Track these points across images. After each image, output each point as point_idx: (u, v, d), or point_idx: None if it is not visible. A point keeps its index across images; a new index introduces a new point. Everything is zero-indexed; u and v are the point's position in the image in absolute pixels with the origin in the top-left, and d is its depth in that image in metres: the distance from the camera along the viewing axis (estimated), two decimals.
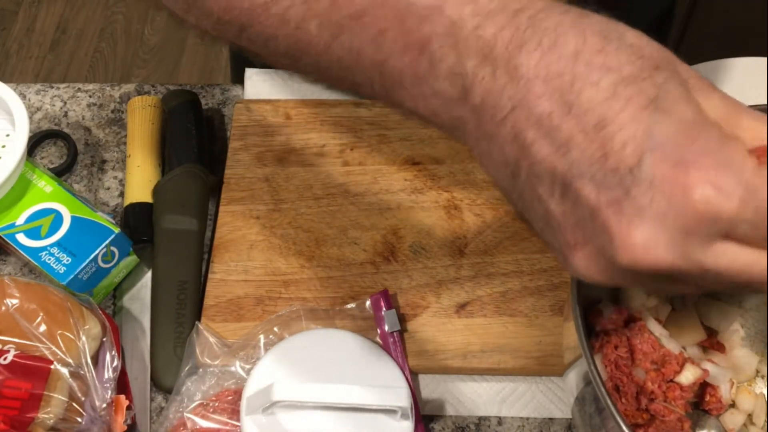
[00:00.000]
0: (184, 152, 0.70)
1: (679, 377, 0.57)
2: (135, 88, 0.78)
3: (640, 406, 0.55)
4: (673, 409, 0.55)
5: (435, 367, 0.60)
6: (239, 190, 0.68)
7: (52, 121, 0.76)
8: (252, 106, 0.73)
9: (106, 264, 0.63)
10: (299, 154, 0.70)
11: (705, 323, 0.61)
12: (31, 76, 1.90)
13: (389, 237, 0.66)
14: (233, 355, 0.59)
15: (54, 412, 0.53)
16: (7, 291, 0.56)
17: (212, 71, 1.91)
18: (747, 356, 0.60)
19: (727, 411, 0.59)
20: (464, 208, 0.67)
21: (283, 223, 0.67)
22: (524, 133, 0.35)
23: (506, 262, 0.64)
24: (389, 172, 0.69)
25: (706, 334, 0.61)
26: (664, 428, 0.55)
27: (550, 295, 0.62)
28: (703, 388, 0.59)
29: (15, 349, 0.54)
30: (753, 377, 0.60)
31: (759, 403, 0.58)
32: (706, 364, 0.59)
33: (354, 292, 0.63)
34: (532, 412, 0.60)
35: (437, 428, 0.60)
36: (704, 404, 0.60)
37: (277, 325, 0.60)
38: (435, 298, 0.63)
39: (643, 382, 0.56)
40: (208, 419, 0.56)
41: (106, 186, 0.72)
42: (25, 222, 0.63)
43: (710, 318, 0.61)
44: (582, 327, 0.47)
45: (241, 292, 0.63)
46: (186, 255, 0.65)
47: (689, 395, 0.56)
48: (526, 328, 0.61)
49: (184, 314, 0.62)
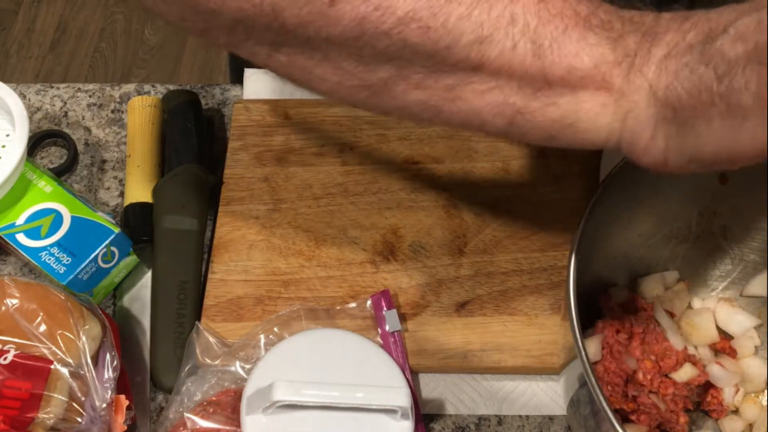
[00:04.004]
0: (184, 152, 0.70)
1: (675, 373, 0.57)
2: (135, 88, 0.78)
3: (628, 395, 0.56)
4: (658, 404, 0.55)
5: (435, 366, 0.60)
6: (239, 190, 0.68)
7: (52, 121, 0.76)
8: (251, 106, 0.73)
9: (106, 264, 0.63)
10: (298, 153, 0.70)
11: (721, 326, 0.61)
12: (31, 76, 1.90)
13: (389, 236, 0.66)
14: (233, 355, 0.59)
15: (54, 412, 0.53)
16: (7, 291, 0.56)
17: (212, 71, 1.91)
18: (758, 366, 0.60)
19: (727, 416, 0.59)
20: (464, 208, 0.67)
21: (283, 223, 0.67)
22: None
23: (506, 261, 0.64)
24: (388, 172, 0.69)
25: (719, 336, 0.61)
26: (657, 417, 0.56)
27: (549, 294, 0.62)
28: (707, 389, 0.59)
29: (15, 349, 0.54)
30: (762, 389, 0.60)
31: (762, 415, 0.58)
32: (714, 367, 0.59)
33: (354, 291, 0.63)
34: (532, 411, 0.60)
35: (437, 428, 0.60)
36: (704, 404, 0.60)
37: (277, 325, 0.60)
38: (435, 297, 0.63)
39: (633, 371, 0.56)
40: (208, 419, 0.56)
41: (106, 186, 0.72)
42: (25, 222, 0.63)
43: (727, 322, 0.61)
44: (578, 327, 0.47)
45: (241, 292, 0.63)
46: (186, 255, 0.65)
47: (683, 393, 0.56)
48: (525, 326, 0.61)
49: (184, 314, 0.62)
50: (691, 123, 0.37)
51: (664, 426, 0.57)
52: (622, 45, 0.39)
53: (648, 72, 0.38)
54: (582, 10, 0.39)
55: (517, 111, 0.41)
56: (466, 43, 0.39)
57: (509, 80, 0.40)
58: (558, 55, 0.39)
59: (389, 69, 0.41)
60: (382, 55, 0.40)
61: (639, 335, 0.58)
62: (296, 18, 0.40)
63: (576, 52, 0.39)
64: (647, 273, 0.63)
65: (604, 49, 0.39)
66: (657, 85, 0.38)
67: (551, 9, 0.39)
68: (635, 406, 0.56)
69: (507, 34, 0.39)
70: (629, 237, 0.60)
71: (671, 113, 0.38)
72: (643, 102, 0.39)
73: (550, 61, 0.39)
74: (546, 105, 0.41)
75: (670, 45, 0.38)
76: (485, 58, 0.39)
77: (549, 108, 0.41)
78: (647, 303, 0.61)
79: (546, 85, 0.40)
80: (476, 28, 0.39)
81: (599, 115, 0.40)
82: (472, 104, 0.42)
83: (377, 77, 0.42)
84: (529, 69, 0.39)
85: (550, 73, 0.39)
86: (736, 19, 0.36)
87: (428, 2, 0.38)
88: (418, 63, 0.40)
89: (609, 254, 0.59)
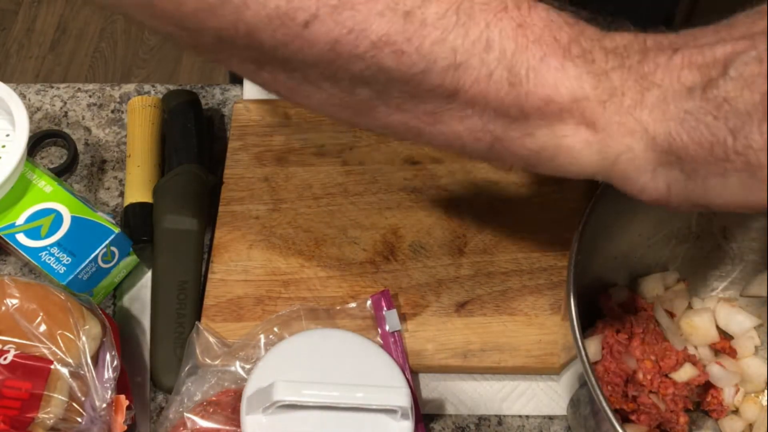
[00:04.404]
0: (184, 152, 0.70)
1: (675, 373, 0.57)
2: (135, 88, 0.78)
3: (628, 395, 0.56)
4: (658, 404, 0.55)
5: (435, 366, 0.60)
6: (239, 190, 0.68)
7: (52, 121, 0.76)
8: (251, 106, 0.73)
9: (106, 264, 0.63)
10: (298, 153, 0.70)
11: (721, 327, 0.61)
12: (31, 76, 1.90)
13: (389, 236, 0.66)
14: (233, 355, 0.59)
15: (54, 412, 0.53)
16: (7, 291, 0.56)
17: (212, 71, 1.91)
18: (758, 366, 0.60)
19: (727, 416, 0.59)
20: (464, 208, 0.67)
21: (283, 222, 0.67)
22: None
23: (506, 261, 0.64)
24: (389, 172, 0.69)
25: (719, 336, 0.61)
26: (657, 417, 0.56)
27: (549, 294, 0.62)
28: (707, 389, 0.59)
29: (15, 349, 0.54)
30: (762, 389, 0.60)
31: (762, 415, 0.58)
32: (714, 367, 0.59)
33: (354, 291, 0.63)
34: (533, 411, 0.60)
35: (437, 428, 0.60)
36: (704, 404, 0.60)
37: (277, 325, 0.60)
38: (435, 297, 0.63)
39: (633, 371, 0.56)
40: (208, 419, 0.56)
41: (106, 186, 0.72)
42: (25, 222, 0.63)
43: (727, 322, 0.61)
44: (578, 327, 0.47)
45: (241, 292, 0.63)
46: (186, 255, 0.65)
47: (683, 393, 0.56)
48: (525, 326, 0.61)
49: (184, 314, 0.62)
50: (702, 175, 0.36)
51: (664, 426, 0.57)
52: (606, 82, 0.38)
53: (641, 115, 0.37)
54: (563, 37, 0.38)
55: (495, 138, 0.40)
56: (440, 69, 0.38)
57: (485, 108, 0.39)
58: (534, 85, 0.38)
59: (367, 91, 0.41)
60: (359, 78, 0.40)
61: (639, 335, 0.58)
62: (272, 39, 0.39)
63: (554, 83, 0.38)
64: (647, 273, 0.63)
65: (585, 83, 0.38)
66: (655, 131, 0.37)
67: (530, 35, 0.38)
68: (635, 406, 0.56)
69: (482, 60, 0.38)
70: (629, 237, 0.60)
71: (674, 160, 0.37)
72: (639, 146, 0.38)
73: (526, 90, 0.38)
74: (524, 135, 0.40)
75: (664, 86, 0.37)
76: (460, 84, 0.38)
77: (527, 138, 0.40)
78: (647, 303, 0.61)
79: (522, 115, 0.39)
80: (450, 54, 0.38)
81: (582, 152, 0.39)
82: (453, 128, 0.41)
83: (357, 99, 0.41)
84: (504, 98, 0.38)
85: (526, 103, 0.38)
86: (732, 53, 0.35)
87: (403, 26, 0.37)
88: (396, 87, 0.40)
89: (609, 254, 0.59)
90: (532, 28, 0.38)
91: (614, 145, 0.38)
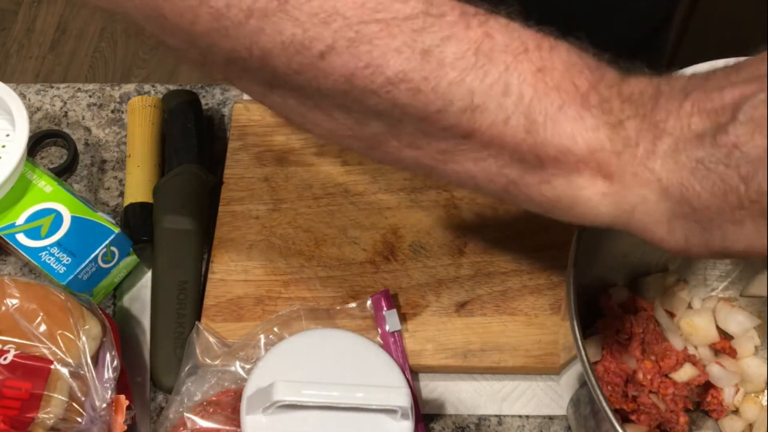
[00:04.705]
0: (184, 152, 0.70)
1: (675, 373, 0.57)
2: (135, 88, 0.78)
3: (628, 395, 0.56)
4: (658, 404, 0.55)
5: (435, 366, 0.60)
6: (239, 189, 0.68)
7: (52, 121, 0.76)
8: (251, 106, 0.73)
9: (106, 264, 0.63)
10: (298, 153, 0.70)
11: (721, 327, 0.61)
12: (31, 76, 1.90)
13: (389, 236, 0.66)
14: (233, 355, 0.59)
15: (54, 412, 0.53)
16: (7, 291, 0.56)
17: None
18: (758, 366, 0.60)
19: (727, 416, 0.59)
20: (464, 207, 0.67)
21: (283, 222, 0.67)
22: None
23: (506, 261, 0.64)
24: (388, 172, 0.69)
25: (719, 336, 0.61)
26: (657, 417, 0.56)
27: (549, 294, 0.62)
28: (707, 389, 0.59)
29: (15, 349, 0.54)
30: (762, 389, 0.60)
31: (762, 415, 0.58)
32: (714, 367, 0.59)
33: (354, 291, 0.63)
34: (533, 411, 0.60)
35: (437, 428, 0.60)
36: (704, 404, 0.60)
37: (277, 325, 0.60)
38: (435, 297, 0.63)
39: (633, 371, 0.56)
40: (208, 419, 0.56)
41: (106, 186, 0.72)
42: (25, 222, 0.63)
43: (727, 322, 0.61)
44: (578, 327, 0.47)
45: (241, 292, 0.63)
46: (186, 255, 0.65)
47: (684, 393, 0.56)
48: (525, 326, 0.61)
49: (184, 314, 0.62)
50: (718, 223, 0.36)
51: (664, 426, 0.57)
52: (621, 132, 0.37)
53: (654, 165, 0.36)
54: (582, 84, 0.37)
55: (510, 181, 0.40)
56: (456, 110, 0.38)
57: (501, 151, 0.39)
58: (551, 134, 0.37)
59: (380, 125, 0.40)
60: (373, 111, 0.39)
61: (639, 335, 0.58)
62: (286, 67, 0.39)
63: (571, 134, 0.37)
64: (647, 273, 0.62)
65: (601, 134, 0.37)
66: (668, 181, 0.36)
67: (549, 81, 0.37)
68: (635, 406, 0.56)
69: (500, 105, 0.37)
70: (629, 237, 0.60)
71: (689, 209, 0.36)
72: (653, 197, 0.37)
73: (543, 139, 0.37)
74: (540, 182, 0.39)
75: (675, 134, 0.36)
76: (476, 126, 0.38)
77: (543, 186, 0.39)
78: (647, 303, 0.61)
79: (538, 163, 0.38)
80: (467, 95, 0.37)
81: (600, 204, 0.39)
82: (466, 168, 0.40)
83: (369, 131, 0.41)
84: (520, 144, 0.38)
85: (543, 152, 0.38)
86: (741, 97, 0.35)
87: (420, 64, 0.37)
88: (410, 123, 0.39)
89: (609, 254, 0.59)
90: (551, 73, 0.37)
91: (630, 197, 0.38)
